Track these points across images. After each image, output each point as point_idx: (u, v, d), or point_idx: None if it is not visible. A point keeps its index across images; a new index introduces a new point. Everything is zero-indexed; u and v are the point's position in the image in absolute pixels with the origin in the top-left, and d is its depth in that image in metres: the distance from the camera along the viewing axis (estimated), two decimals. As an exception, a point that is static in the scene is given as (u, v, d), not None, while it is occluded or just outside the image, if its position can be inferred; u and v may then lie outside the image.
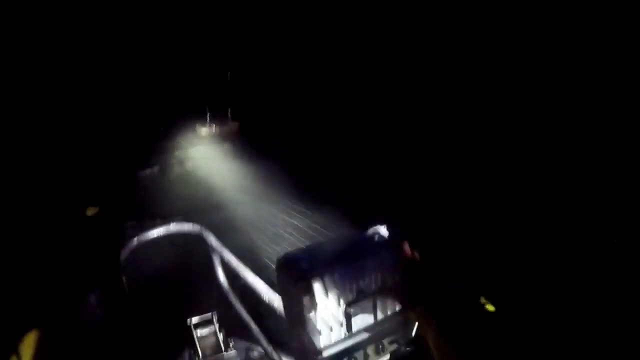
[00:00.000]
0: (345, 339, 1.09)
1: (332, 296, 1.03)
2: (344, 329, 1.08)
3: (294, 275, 1.02)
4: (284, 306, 1.08)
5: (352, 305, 1.06)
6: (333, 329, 1.06)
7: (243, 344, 2.72)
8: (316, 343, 1.04)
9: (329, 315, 1.05)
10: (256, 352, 2.66)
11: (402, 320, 1.18)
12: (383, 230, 1.17)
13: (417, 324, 1.21)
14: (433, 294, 1.01)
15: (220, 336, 2.68)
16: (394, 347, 1.21)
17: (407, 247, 1.11)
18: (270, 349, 1.87)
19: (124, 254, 2.29)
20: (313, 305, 1.01)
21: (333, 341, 1.07)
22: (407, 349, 1.22)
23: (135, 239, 2.31)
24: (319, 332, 1.05)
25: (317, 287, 1.01)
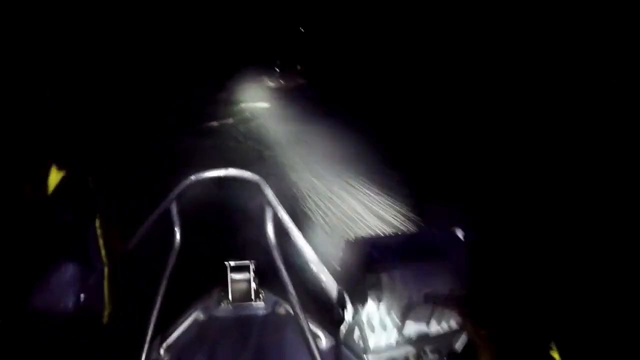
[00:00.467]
0: (395, 344, 1.05)
1: (398, 294, 0.98)
2: (396, 330, 1.04)
3: (364, 264, 0.97)
4: (342, 292, 1.04)
5: (413, 309, 1.01)
6: (387, 328, 1.02)
7: (272, 297, 2.75)
8: (368, 340, 1.00)
9: (386, 313, 1.00)
10: (283, 308, 2.69)
11: (450, 332, 1.12)
12: (459, 234, 1.09)
13: (467, 339, 1.15)
14: (501, 321, 0.93)
15: (253, 285, 2.72)
16: (435, 356, 1.15)
17: (485, 259, 1.03)
18: (301, 313, 1.86)
19: (179, 188, 2.32)
20: (376, 298, 0.97)
21: (384, 342, 1.03)
22: None
23: (193, 176, 2.32)
24: (373, 329, 1.01)
25: (386, 281, 0.96)
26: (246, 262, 2.76)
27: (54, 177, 1.02)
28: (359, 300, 0.97)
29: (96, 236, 1.14)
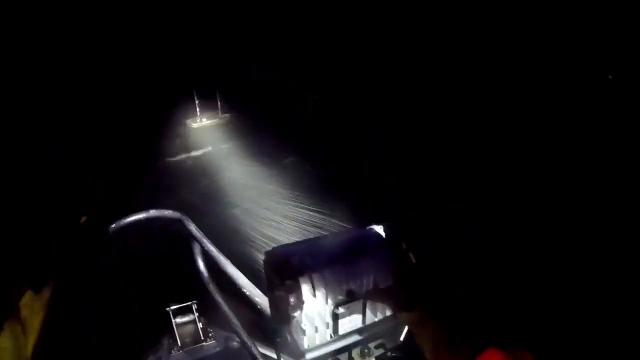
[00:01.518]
0: (330, 341, 1.04)
1: (320, 295, 0.97)
2: (330, 330, 1.03)
3: (282, 271, 0.95)
4: (270, 302, 1.02)
5: (341, 307, 1.00)
6: (319, 329, 1.01)
7: (222, 333, 2.66)
8: (300, 343, 0.99)
9: (315, 315, 0.99)
10: (235, 342, 2.61)
11: (390, 325, 1.13)
12: (379, 230, 1.11)
13: (406, 328, 1.16)
14: (430, 300, 0.95)
15: (200, 325, 2.62)
16: (380, 351, 1.15)
17: (403, 248, 1.04)
18: (249, 342, 1.81)
19: (99, 240, 2.20)
20: (299, 303, 0.95)
21: (318, 342, 1.02)
22: (394, 354, 1.17)
23: (114, 224, 2.21)
24: (304, 332, 0.99)
25: (305, 285, 0.95)
26: (188, 303, 2.67)
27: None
28: (285, 307, 0.95)
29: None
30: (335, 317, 1.01)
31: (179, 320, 2.60)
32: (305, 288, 0.95)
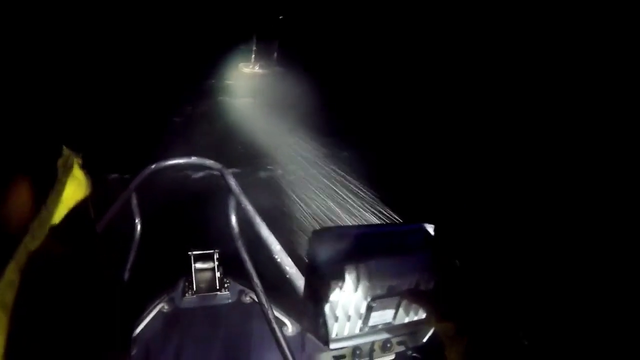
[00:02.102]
0: (358, 334, 1.03)
1: (361, 286, 0.96)
2: (360, 321, 1.02)
3: (329, 255, 0.94)
4: (308, 282, 1.01)
5: (377, 300, 0.99)
6: (351, 318, 1.00)
7: (237, 287, 2.72)
8: (329, 329, 0.98)
9: (350, 305, 0.98)
10: (248, 297, 2.66)
11: (419, 327, 1.12)
12: (429, 229, 1.08)
13: (431, 331, 1.14)
14: (470, 313, 0.92)
15: (218, 274, 2.68)
16: (401, 348, 1.15)
17: (451, 254, 1.02)
18: (267, 304, 1.83)
19: (138, 178, 2.22)
20: (340, 290, 0.95)
21: (347, 332, 1.01)
22: (414, 354, 1.17)
23: (153, 165, 2.23)
24: (336, 319, 0.99)
25: (350, 273, 0.94)
26: (210, 251, 2.71)
27: None
28: (324, 291, 0.95)
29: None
30: (369, 310, 1.00)
31: (198, 265, 2.66)
32: (349, 276, 0.94)
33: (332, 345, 0.99)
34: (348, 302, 0.98)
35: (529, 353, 0.86)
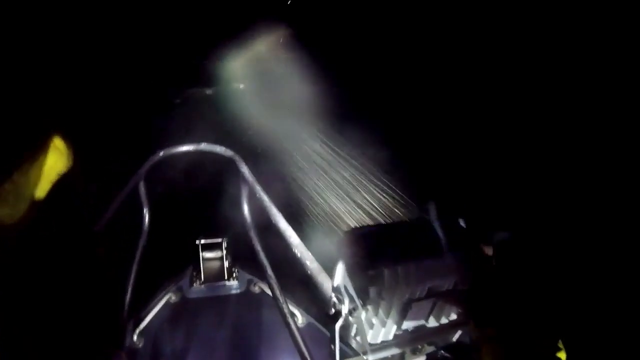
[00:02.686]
0: (393, 341, 0.98)
1: (400, 289, 0.91)
2: (395, 326, 0.97)
3: (366, 260, 0.88)
4: (340, 285, 0.96)
5: (413, 303, 0.94)
6: (387, 324, 0.95)
7: (246, 276, 2.67)
8: (365, 337, 0.93)
9: (386, 308, 0.93)
10: (257, 287, 2.62)
11: (449, 326, 1.07)
12: (464, 223, 1.02)
13: (465, 334, 1.10)
14: (508, 319, 0.87)
15: (226, 263, 2.63)
16: (431, 349, 1.10)
17: (487, 251, 0.96)
18: (282, 297, 1.79)
19: (146, 165, 2.16)
20: (377, 294, 0.89)
21: (381, 337, 0.97)
22: (446, 355, 1.12)
23: (161, 152, 2.16)
24: (371, 326, 0.94)
25: (390, 277, 0.88)
26: (218, 239, 2.66)
27: None
28: (359, 295, 0.89)
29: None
30: (404, 313, 0.95)
31: (206, 254, 2.61)
32: (388, 280, 0.89)
33: (370, 358, 0.95)
34: (385, 307, 0.93)
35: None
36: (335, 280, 0.96)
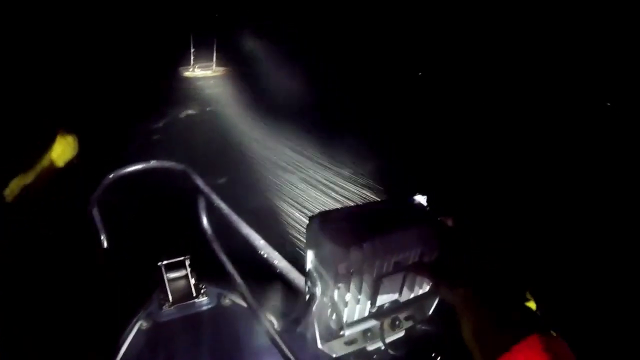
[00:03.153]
0: (368, 316, 1.00)
1: (368, 266, 0.93)
2: (369, 302, 0.99)
3: (331, 240, 0.90)
4: (311, 270, 0.97)
5: (383, 278, 0.96)
6: (360, 300, 0.97)
7: (214, 290, 2.62)
8: (339, 317, 0.95)
9: (358, 286, 0.95)
10: (228, 299, 2.58)
11: (427, 300, 1.10)
12: (422, 200, 1.06)
13: (435, 301, 1.13)
14: (478, 276, 0.91)
15: (192, 281, 2.57)
16: (409, 323, 1.13)
17: (449, 222, 1.00)
18: (255, 304, 1.77)
19: (98, 190, 2.08)
20: (348, 273, 0.91)
21: (357, 314, 0.98)
22: (424, 327, 1.15)
23: (111, 175, 2.10)
24: (346, 304, 0.95)
25: (356, 254, 0.90)
26: (180, 258, 2.60)
27: None
28: (330, 276, 0.91)
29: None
30: (377, 289, 0.97)
31: (171, 275, 2.54)
32: (355, 258, 0.90)
33: (347, 332, 0.96)
34: (356, 284, 0.94)
35: (539, 312, 0.86)
36: (307, 265, 0.97)
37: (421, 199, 1.06)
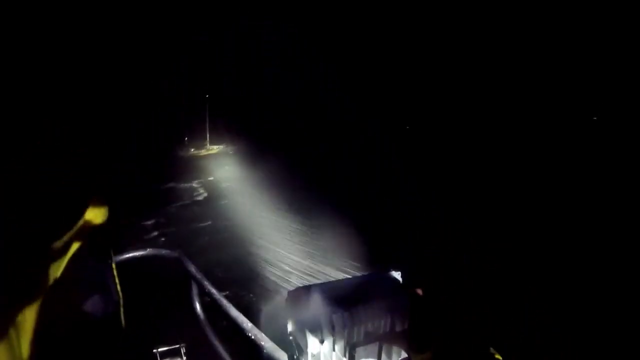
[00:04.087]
0: None
1: (339, 336, 1.00)
2: None
3: (306, 313, 0.98)
4: (289, 341, 1.04)
5: (357, 349, 1.03)
6: (337, 371, 1.02)
7: None
8: None
9: (332, 356, 1.01)
10: (222, 389, 2.54)
11: None
12: (396, 275, 1.15)
13: None
14: (443, 341, 0.98)
15: (187, 370, 2.55)
16: None
17: (419, 293, 1.08)
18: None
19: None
20: (320, 344, 0.98)
21: None
22: None
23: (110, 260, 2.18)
24: (322, 374, 1.01)
25: (326, 325, 0.98)
26: (176, 346, 2.59)
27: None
28: (304, 343, 0.98)
29: (113, 276, 1.42)
30: (352, 358, 1.03)
31: (165, 363, 2.52)
32: (326, 328, 0.98)
33: None
34: (328, 351, 1.01)
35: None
36: (288, 334, 1.05)
37: (395, 274, 1.15)
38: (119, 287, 1.54)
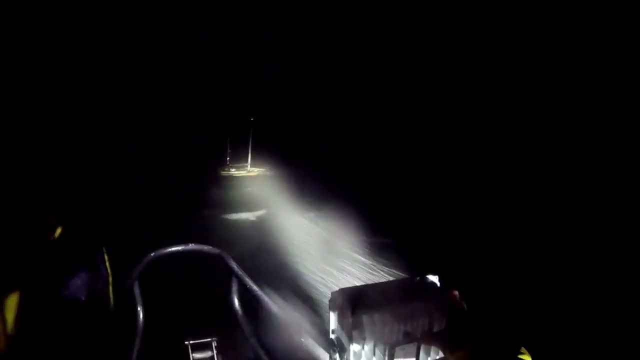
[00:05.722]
0: None
1: (379, 334, 1.07)
2: None
3: (347, 309, 1.06)
4: (332, 338, 1.12)
5: (396, 347, 1.10)
6: (374, 366, 1.10)
7: None
8: None
9: (373, 353, 1.09)
10: (252, 386, 2.59)
11: None
12: (433, 279, 1.22)
13: None
14: (477, 341, 1.05)
15: (218, 364, 2.61)
16: None
17: (456, 296, 1.15)
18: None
19: (139, 267, 2.27)
20: (361, 338, 1.05)
21: None
22: None
23: (153, 253, 2.30)
24: (361, 369, 1.09)
25: (367, 323, 1.05)
26: (208, 339, 2.67)
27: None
28: (346, 342, 1.06)
29: (103, 257, 1.52)
30: (391, 357, 1.10)
31: (196, 355, 2.59)
32: (367, 326, 1.06)
33: None
34: (369, 350, 1.08)
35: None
36: (329, 333, 1.13)
37: (433, 277, 1.23)
38: (109, 268, 1.70)
